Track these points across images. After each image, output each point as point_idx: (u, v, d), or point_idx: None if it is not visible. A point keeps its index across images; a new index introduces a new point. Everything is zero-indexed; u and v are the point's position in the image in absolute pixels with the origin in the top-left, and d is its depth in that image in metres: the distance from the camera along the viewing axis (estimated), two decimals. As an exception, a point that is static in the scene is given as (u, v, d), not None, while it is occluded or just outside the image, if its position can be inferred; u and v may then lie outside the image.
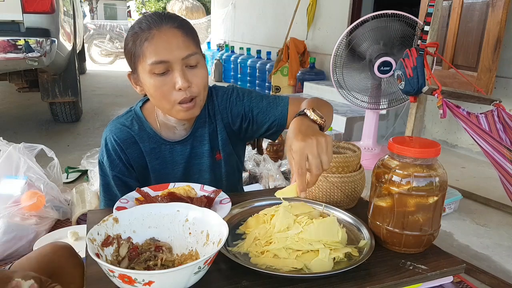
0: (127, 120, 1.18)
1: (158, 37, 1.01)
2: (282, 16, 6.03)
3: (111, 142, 1.14)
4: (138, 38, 1.03)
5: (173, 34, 1.02)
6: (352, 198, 1.06)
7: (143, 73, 1.05)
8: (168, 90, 1.03)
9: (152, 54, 1.01)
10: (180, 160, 1.19)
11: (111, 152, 1.14)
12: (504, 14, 2.71)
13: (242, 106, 1.20)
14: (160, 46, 1.01)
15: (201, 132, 1.21)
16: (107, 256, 0.75)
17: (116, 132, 1.15)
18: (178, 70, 1.02)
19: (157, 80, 1.03)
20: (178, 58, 1.01)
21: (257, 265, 0.78)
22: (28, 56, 2.98)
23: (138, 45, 1.02)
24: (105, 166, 1.15)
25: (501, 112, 2.03)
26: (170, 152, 1.18)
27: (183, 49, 1.02)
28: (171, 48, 1.01)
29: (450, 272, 0.83)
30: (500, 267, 1.84)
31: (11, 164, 2.00)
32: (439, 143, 0.86)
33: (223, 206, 0.98)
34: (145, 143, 1.16)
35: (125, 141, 1.14)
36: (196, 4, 16.83)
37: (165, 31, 1.01)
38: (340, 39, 3.05)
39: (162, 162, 1.18)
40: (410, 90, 2.18)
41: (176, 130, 1.19)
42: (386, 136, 3.82)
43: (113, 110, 4.97)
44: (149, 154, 1.17)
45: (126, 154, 1.14)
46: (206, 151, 1.21)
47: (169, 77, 1.03)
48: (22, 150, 2.03)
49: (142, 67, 1.04)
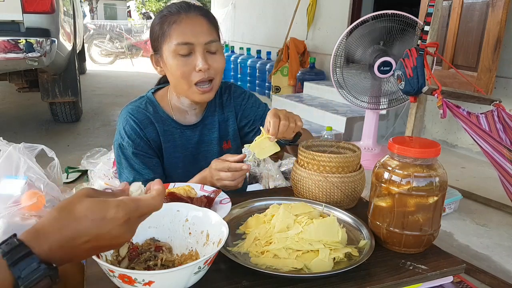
0: (141, 104, 1.24)
1: (186, 21, 1.11)
2: (282, 16, 6.03)
3: (130, 123, 1.19)
4: (166, 20, 1.12)
5: (199, 21, 1.12)
6: (352, 198, 1.06)
7: (167, 52, 1.13)
8: (189, 70, 1.12)
9: (179, 35, 1.10)
10: (188, 144, 1.25)
11: (130, 132, 1.18)
12: (504, 14, 2.71)
13: (255, 113, 1.32)
14: (186, 29, 1.10)
15: (210, 120, 1.28)
16: (107, 256, 0.75)
17: (134, 113, 1.20)
18: (200, 53, 1.11)
19: (180, 61, 1.11)
20: (201, 42, 1.11)
21: (257, 265, 0.78)
22: (28, 56, 2.98)
23: (166, 27, 1.12)
24: (126, 147, 1.18)
25: (501, 112, 2.03)
26: (180, 135, 1.24)
27: (207, 35, 1.12)
28: (196, 32, 1.11)
29: (450, 272, 0.83)
30: (500, 267, 1.84)
31: (11, 164, 2.00)
32: (439, 143, 0.86)
33: (223, 206, 0.98)
34: (160, 124, 1.22)
35: (143, 122, 1.20)
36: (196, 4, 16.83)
37: (192, 17, 1.12)
38: (340, 39, 3.05)
39: (173, 145, 1.24)
40: (410, 90, 2.18)
41: (187, 114, 1.26)
42: (386, 136, 3.82)
43: (113, 110, 4.97)
44: (163, 135, 1.22)
45: (144, 132, 1.19)
46: (215, 138, 1.28)
47: (191, 59, 1.12)
48: (22, 150, 2.02)
49: (168, 47, 1.12)
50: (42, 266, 0.51)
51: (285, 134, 1.08)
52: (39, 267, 0.50)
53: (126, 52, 10.95)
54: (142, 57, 11.37)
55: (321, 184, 1.04)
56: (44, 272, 0.51)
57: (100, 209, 0.53)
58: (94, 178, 2.40)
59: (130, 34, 11.57)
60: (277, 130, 1.05)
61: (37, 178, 2.03)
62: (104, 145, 2.96)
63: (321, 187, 1.04)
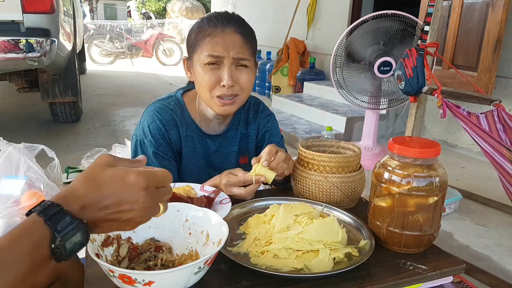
0: (169, 103, 1.23)
1: (220, 36, 1.10)
2: (282, 16, 6.03)
3: (155, 123, 1.18)
4: (202, 31, 1.12)
5: (233, 36, 1.11)
6: (352, 198, 1.06)
7: (197, 61, 1.13)
8: (214, 83, 1.12)
9: (209, 48, 1.10)
10: (206, 153, 1.26)
11: (155, 132, 1.18)
12: (504, 14, 2.71)
13: (267, 135, 1.33)
14: (218, 43, 1.10)
15: (232, 134, 1.29)
16: (107, 256, 0.75)
17: (161, 112, 1.20)
18: (227, 68, 1.11)
19: (207, 71, 1.12)
20: (230, 56, 1.10)
21: (257, 265, 0.78)
22: (28, 56, 2.98)
23: (200, 38, 1.12)
24: (147, 145, 1.18)
25: (501, 112, 2.03)
26: (200, 143, 1.24)
27: (237, 51, 1.11)
28: (226, 46, 1.10)
29: (450, 272, 0.83)
30: (500, 267, 1.84)
31: (11, 164, 2.00)
32: (439, 143, 0.86)
33: (223, 206, 0.98)
34: (183, 128, 1.22)
35: (168, 123, 1.20)
36: (196, 4, 16.85)
37: (228, 33, 1.11)
38: (340, 39, 3.05)
39: (192, 151, 1.24)
40: (410, 90, 2.18)
41: (211, 123, 1.26)
42: (386, 136, 3.82)
43: (113, 110, 4.97)
44: (185, 139, 1.22)
45: (169, 134, 1.19)
46: (234, 152, 1.29)
47: (218, 72, 1.12)
48: (22, 150, 2.02)
49: (198, 57, 1.13)
50: (75, 220, 0.55)
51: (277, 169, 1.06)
52: (72, 221, 0.54)
53: (126, 52, 10.95)
54: (142, 57, 11.38)
55: (321, 184, 1.04)
56: (77, 226, 0.55)
57: (121, 176, 0.58)
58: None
59: (130, 34, 11.57)
60: (271, 157, 1.04)
61: (37, 178, 2.03)
62: (104, 145, 2.96)
63: (321, 187, 1.04)
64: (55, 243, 0.53)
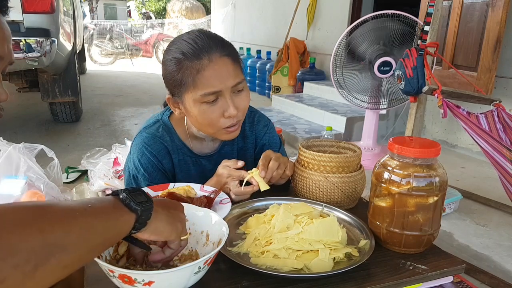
0: (157, 130, 1.16)
1: (209, 68, 1.00)
2: (282, 16, 6.03)
3: (146, 156, 1.12)
4: (187, 67, 1.00)
5: (224, 64, 1.02)
6: (352, 198, 1.06)
7: (191, 101, 1.03)
8: (217, 117, 1.04)
9: (205, 85, 1.00)
10: (203, 173, 1.19)
11: (147, 165, 1.12)
12: (504, 14, 2.71)
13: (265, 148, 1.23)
14: (211, 77, 1.00)
15: (228, 149, 1.23)
16: (107, 256, 0.75)
17: (150, 143, 1.13)
18: (228, 98, 1.03)
19: (206, 108, 1.03)
20: (228, 86, 1.02)
21: (257, 265, 0.78)
22: (28, 56, 2.98)
23: (188, 75, 1.00)
24: (140, 179, 1.13)
25: (501, 112, 2.03)
26: (194, 165, 1.19)
27: (233, 77, 1.03)
28: (222, 78, 1.01)
29: (450, 272, 0.83)
30: (500, 267, 1.84)
31: (11, 164, 2.00)
32: (439, 143, 0.86)
33: (223, 206, 0.98)
34: (175, 155, 1.16)
35: (160, 152, 1.14)
36: (196, 4, 16.84)
37: (216, 61, 1.01)
38: (340, 39, 3.05)
39: (187, 175, 1.19)
40: (410, 90, 2.18)
41: (204, 141, 1.20)
42: (386, 136, 3.82)
43: (113, 110, 4.97)
44: (178, 166, 1.17)
45: (162, 164, 1.14)
46: None
47: (218, 105, 1.03)
48: (22, 150, 2.02)
49: (191, 96, 1.03)
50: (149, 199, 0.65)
51: (275, 179, 1.05)
52: (148, 200, 0.64)
53: (126, 52, 10.96)
54: (142, 57, 11.38)
55: (321, 184, 1.04)
56: (151, 204, 0.64)
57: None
58: (94, 178, 2.40)
59: (130, 34, 11.59)
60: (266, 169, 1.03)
61: (37, 178, 2.03)
62: (104, 145, 2.96)
63: (321, 187, 1.04)
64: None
